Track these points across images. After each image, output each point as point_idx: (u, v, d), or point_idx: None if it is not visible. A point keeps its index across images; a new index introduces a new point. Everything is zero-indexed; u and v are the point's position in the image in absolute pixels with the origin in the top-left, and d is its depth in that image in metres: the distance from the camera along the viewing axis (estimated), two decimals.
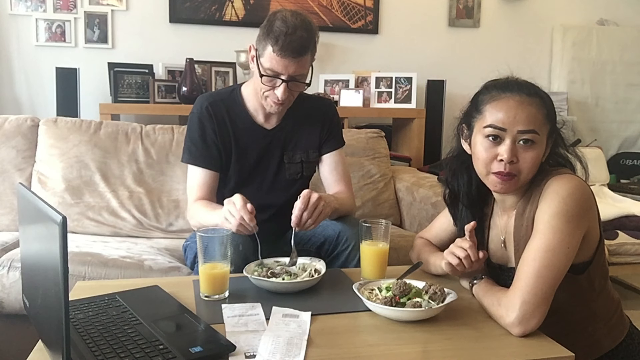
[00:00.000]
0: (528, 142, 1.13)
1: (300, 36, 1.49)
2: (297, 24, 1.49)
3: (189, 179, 1.66)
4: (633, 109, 3.63)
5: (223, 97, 1.69)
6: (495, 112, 1.14)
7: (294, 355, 0.96)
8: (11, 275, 1.74)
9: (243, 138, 1.66)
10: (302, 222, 1.40)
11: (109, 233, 2.21)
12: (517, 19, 3.47)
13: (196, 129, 1.64)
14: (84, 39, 2.94)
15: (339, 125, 1.81)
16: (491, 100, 1.16)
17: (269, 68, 1.51)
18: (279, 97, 1.54)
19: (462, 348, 1.01)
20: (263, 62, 1.52)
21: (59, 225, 0.76)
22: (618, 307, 1.26)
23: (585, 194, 1.13)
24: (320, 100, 1.81)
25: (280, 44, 1.47)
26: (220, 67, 2.94)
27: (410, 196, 2.43)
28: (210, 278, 1.22)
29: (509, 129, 1.13)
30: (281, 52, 1.48)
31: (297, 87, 1.57)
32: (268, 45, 1.49)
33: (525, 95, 1.14)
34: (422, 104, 3.11)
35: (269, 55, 1.50)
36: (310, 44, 1.54)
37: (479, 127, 1.17)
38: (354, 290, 1.18)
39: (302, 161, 1.71)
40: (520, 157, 1.14)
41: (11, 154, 2.27)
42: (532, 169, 1.15)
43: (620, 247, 2.35)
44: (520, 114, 1.13)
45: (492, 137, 1.15)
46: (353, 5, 3.20)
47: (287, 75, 1.51)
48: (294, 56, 1.49)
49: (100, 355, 0.94)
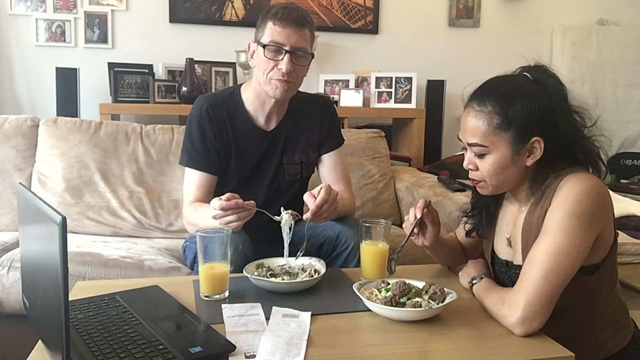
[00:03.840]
0: (480, 152, 1.17)
1: (298, 8, 1.55)
2: (294, 5, 1.56)
3: (186, 181, 1.65)
4: (633, 109, 3.63)
5: (223, 98, 1.67)
6: (461, 123, 1.21)
7: (294, 355, 0.96)
8: (11, 276, 1.74)
9: (243, 140, 1.65)
10: (320, 213, 1.40)
11: (109, 233, 2.21)
12: (517, 19, 3.47)
13: (196, 131, 1.63)
14: (84, 39, 2.94)
15: (338, 124, 1.81)
16: (464, 110, 1.21)
17: (271, 41, 1.52)
18: (284, 69, 1.52)
19: (462, 348, 1.01)
20: (264, 39, 1.54)
21: (58, 225, 0.76)
22: (625, 312, 1.25)
23: (601, 194, 1.11)
24: (319, 99, 1.80)
25: (279, 16, 1.51)
26: (220, 67, 2.94)
27: (410, 196, 2.43)
28: (210, 278, 1.22)
29: (464, 139, 1.20)
30: (282, 22, 1.51)
31: (300, 61, 1.56)
32: (268, 22, 1.53)
33: (475, 106, 1.17)
34: (422, 104, 3.11)
35: (270, 30, 1.53)
36: (309, 19, 1.57)
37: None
38: (354, 290, 1.18)
39: (302, 162, 1.71)
40: (479, 165, 1.19)
41: (11, 154, 2.27)
42: (493, 174, 1.17)
43: (620, 247, 2.34)
44: (465, 126, 1.19)
45: (463, 147, 1.22)
46: (353, 5, 3.20)
47: (290, 45, 1.52)
48: (295, 25, 1.52)
49: (100, 355, 0.94)
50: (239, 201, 1.32)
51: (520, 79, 1.20)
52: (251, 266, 1.35)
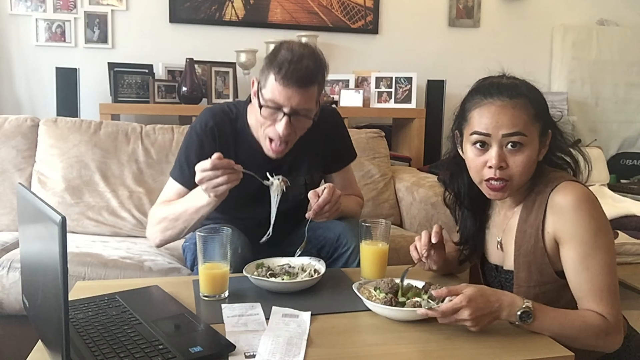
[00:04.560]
0: (516, 145, 1.12)
1: (306, 65, 1.36)
2: (303, 52, 1.37)
3: (168, 189, 1.55)
4: (633, 109, 3.63)
5: (230, 117, 1.56)
6: (479, 119, 1.15)
7: (294, 355, 0.96)
8: (11, 276, 1.74)
9: (245, 163, 1.46)
10: (322, 213, 1.39)
11: (108, 233, 2.21)
12: (517, 19, 3.47)
13: (194, 147, 1.52)
14: (84, 39, 2.94)
15: (346, 137, 1.71)
16: (475, 107, 1.16)
17: (271, 99, 1.38)
18: (280, 132, 1.40)
19: (462, 348, 1.01)
20: (265, 93, 1.40)
21: (58, 225, 0.76)
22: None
23: (596, 200, 1.13)
24: (323, 113, 1.56)
25: (283, 71, 1.34)
26: (220, 67, 2.93)
27: (410, 196, 2.43)
28: (210, 278, 1.22)
29: (494, 134, 1.13)
30: (284, 81, 1.35)
31: (300, 122, 1.43)
32: (271, 74, 1.37)
33: (507, 99, 1.13)
34: (422, 104, 3.11)
35: (272, 85, 1.37)
36: (317, 75, 1.39)
37: (467, 134, 1.18)
38: (354, 290, 1.18)
39: (306, 183, 1.61)
40: (510, 161, 1.13)
41: (11, 154, 2.27)
42: (524, 172, 1.14)
43: (620, 247, 2.35)
44: (502, 118, 1.12)
45: (479, 144, 1.15)
46: (353, 5, 3.20)
47: (290, 107, 1.38)
48: (299, 86, 1.36)
49: (99, 355, 0.94)
50: (230, 161, 1.28)
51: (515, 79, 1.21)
52: (251, 266, 1.35)
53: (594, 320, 1.07)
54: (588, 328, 1.07)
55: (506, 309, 1.05)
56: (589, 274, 1.09)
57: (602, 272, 1.09)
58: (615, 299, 1.09)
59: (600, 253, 1.09)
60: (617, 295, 1.10)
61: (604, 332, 1.07)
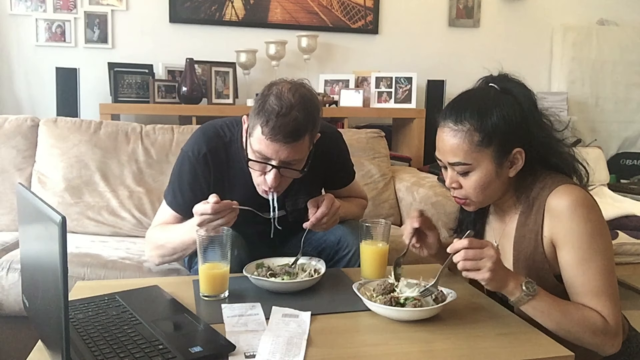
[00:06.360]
0: (462, 171, 1.16)
1: (294, 117, 1.27)
2: (292, 102, 1.28)
3: (163, 212, 1.54)
4: (633, 109, 3.63)
5: (225, 140, 1.50)
6: (437, 142, 1.20)
7: (294, 355, 0.96)
8: (10, 277, 1.74)
9: (240, 192, 1.44)
10: (320, 224, 1.41)
11: (108, 233, 2.21)
12: (517, 19, 3.47)
13: (187, 174, 1.48)
14: (84, 39, 2.94)
15: (348, 161, 1.67)
16: (438, 127, 1.20)
17: (258, 151, 1.31)
18: (269, 184, 1.33)
19: (462, 348, 1.01)
20: (253, 142, 1.32)
21: (58, 226, 0.76)
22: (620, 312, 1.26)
23: (594, 203, 1.13)
24: (323, 136, 1.45)
25: (270, 125, 1.26)
26: (220, 67, 2.93)
27: (410, 196, 2.43)
28: (209, 278, 1.22)
29: (444, 159, 1.19)
30: (271, 135, 1.27)
31: (290, 173, 1.36)
32: (257, 125, 1.29)
33: (451, 125, 1.15)
34: (422, 104, 3.11)
35: (259, 137, 1.29)
36: (307, 126, 1.30)
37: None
38: (354, 290, 1.18)
39: (307, 206, 1.51)
40: (462, 183, 1.18)
41: (11, 154, 2.27)
42: (480, 192, 1.17)
43: (620, 247, 2.35)
44: (446, 146, 1.17)
45: (442, 166, 1.21)
46: (353, 5, 3.20)
47: (279, 161, 1.30)
48: (286, 141, 1.27)
49: (99, 355, 0.94)
50: (228, 202, 1.27)
51: (490, 91, 1.20)
52: (251, 266, 1.35)
53: (593, 317, 1.07)
54: (587, 323, 1.07)
55: (513, 279, 1.07)
56: (585, 277, 1.09)
57: (599, 276, 1.09)
58: (614, 302, 1.09)
59: (597, 256, 1.09)
60: (616, 298, 1.10)
61: (601, 331, 1.07)
